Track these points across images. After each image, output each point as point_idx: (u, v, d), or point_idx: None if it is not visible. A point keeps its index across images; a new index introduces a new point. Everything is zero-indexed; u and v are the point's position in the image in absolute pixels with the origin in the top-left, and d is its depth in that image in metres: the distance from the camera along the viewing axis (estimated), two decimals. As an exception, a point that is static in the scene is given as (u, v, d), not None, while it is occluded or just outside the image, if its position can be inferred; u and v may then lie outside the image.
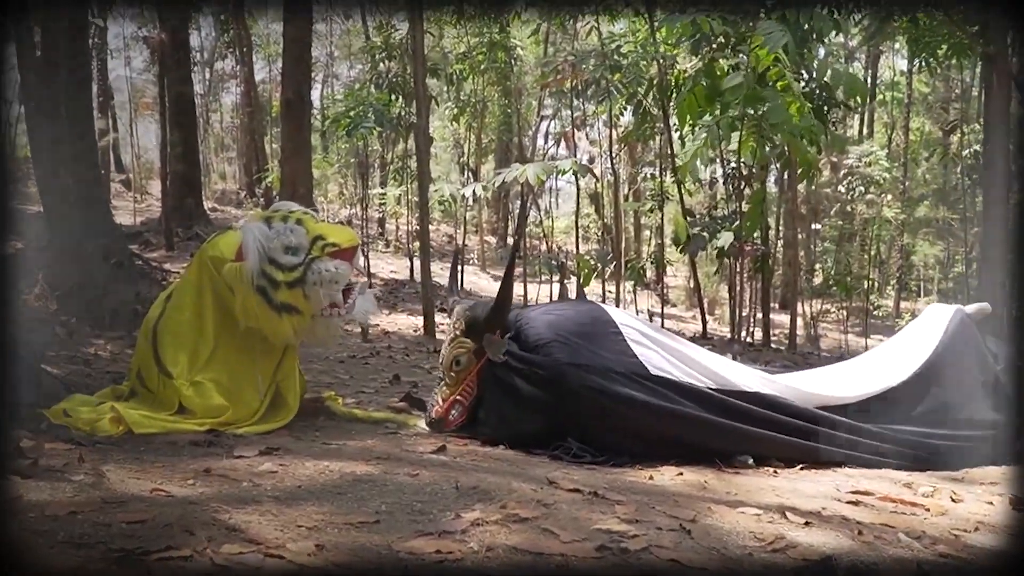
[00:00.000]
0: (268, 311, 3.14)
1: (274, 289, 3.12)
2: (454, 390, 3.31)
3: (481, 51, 13.70)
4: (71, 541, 1.61)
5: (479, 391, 3.29)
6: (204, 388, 3.13)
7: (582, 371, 3.06)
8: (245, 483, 2.20)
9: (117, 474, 2.19)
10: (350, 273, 3.29)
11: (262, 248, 3.13)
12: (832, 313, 14.62)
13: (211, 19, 18.39)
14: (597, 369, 3.07)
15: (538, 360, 3.12)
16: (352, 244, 3.29)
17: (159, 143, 13.24)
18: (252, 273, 3.10)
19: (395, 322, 9.04)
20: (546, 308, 3.69)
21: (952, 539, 2.19)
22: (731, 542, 1.94)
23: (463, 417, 3.31)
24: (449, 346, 3.35)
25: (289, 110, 9.71)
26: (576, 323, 3.28)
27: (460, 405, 3.31)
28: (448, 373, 3.34)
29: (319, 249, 3.19)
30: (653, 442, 3.09)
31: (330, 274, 3.17)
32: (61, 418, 2.96)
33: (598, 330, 3.25)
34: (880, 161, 13.89)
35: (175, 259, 10.46)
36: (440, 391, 3.36)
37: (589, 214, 19.56)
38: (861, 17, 7.26)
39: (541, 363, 3.11)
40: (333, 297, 3.23)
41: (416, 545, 1.73)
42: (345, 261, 3.23)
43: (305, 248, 3.19)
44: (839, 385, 3.50)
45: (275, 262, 3.14)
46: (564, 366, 3.07)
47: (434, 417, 3.33)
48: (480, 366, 3.27)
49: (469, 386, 3.30)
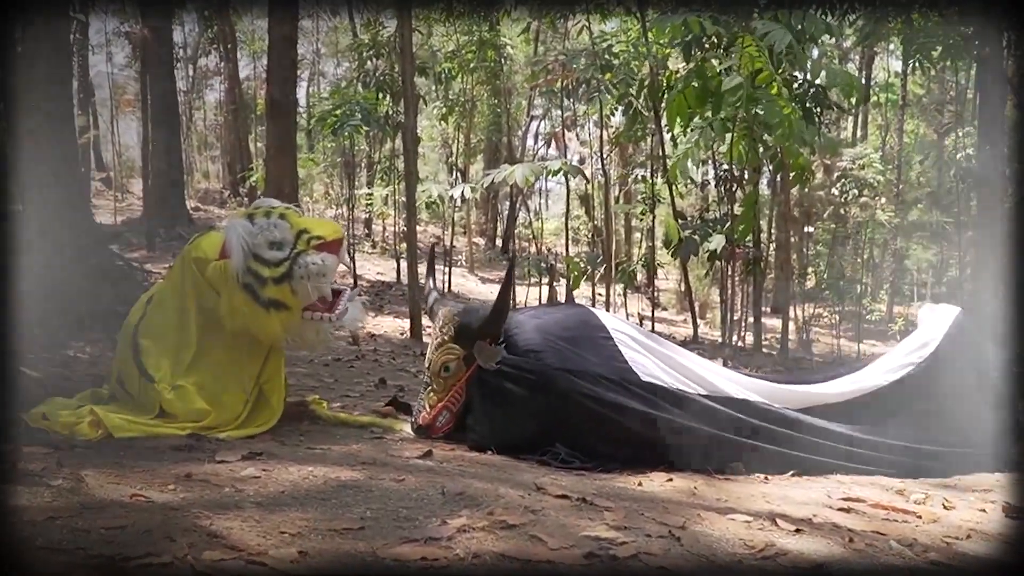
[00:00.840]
0: (256, 308, 3.09)
1: (261, 286, 3.08)
2: (442, 396, 3.27)
3: (470, 49, 13.71)
4: (49, 547, 1.58)
5: (467, 398, 3.25)
6: (186, 392, 3.08)
7: (572, 376, 3.04)
8: (227, 488, 2.16)
9: (96, 479, 2.15)
10: (337, 265, 3.25)
11: (246, 245, 3.08)
12: (824, 317, 14.68)
13: (195, 15, 18.30)
14: (588, 375, 3.05)
15: (528, 365, 3.09)
16: (337, 236, 3.25)
17: (141, 141, 13.25)
18: (238, 270, 3.06)
19: (381, 325, 9.02)
20: (535, 312, 3.66)
21: (944, 547, 2.17)
22: (721, 549, 1.92)
23: (451, 424, 3.27)
24: (437, 351, 3.29)
25: (274, 108, 9.65)
26: (566, 327, 3.26)
27: (448, 412, 3.27)
28: (436, 379, 3.29)
29: (304, 243, 3.15)
30: (643, 448, 3.07)
31: (317, 267, 3.12)
32: (39, 421, 2.92)
33: (588, 335, 3.23)
34: (874, 164, 13.94)
35: (157, 259, 10.41)
36: (427, 397, 3.30)
37: (579, 216, 19.59)
38: (855, 18, 7.27)
39: (531, 368, 3.08)
40: (321, 290, 3.19)
41: (402, 552, 1.70)
42: (331, 254, 3.19)
43: (290, 242, 3.15)
44: (828, 385, 3.50)
45: (260, 258, 3.10)
46: (554, 371, 3.05)
47: (421, 424, 3.29)
48: (470, 373, 3.23)
49: (458, 393, 3.25)
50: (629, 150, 16.22)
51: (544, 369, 3.06)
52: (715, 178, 10.28)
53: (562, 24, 13.33)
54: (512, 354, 3.15)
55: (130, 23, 15.32)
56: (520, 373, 3.09)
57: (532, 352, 3.12)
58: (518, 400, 3.09)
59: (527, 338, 3.17)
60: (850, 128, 19.82)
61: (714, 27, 6.20)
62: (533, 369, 3.08)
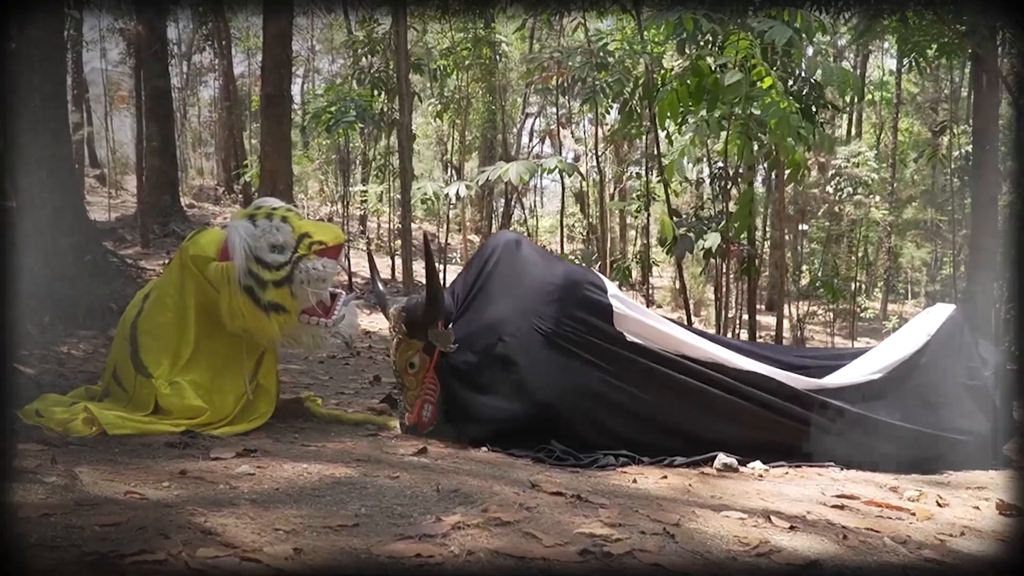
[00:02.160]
0: (255, 311, 3.10)
1: (261, 288, 3.09)
2: (418, 392, 3.30)
3: (465, 47, 13.66)
4: (43, 544, 1.57)
5: (441, 385, 3.28)
6: (182, 388, 3.07)
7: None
8: (222, 485, 2.16)
9: (90, 476, 2.14)
10: (337, 270, 3.27)
11: (248, 247, 3.09)
12: (819, 315, 14.69)
13: (189, 11, 18.23)
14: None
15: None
16: (338, 242, 3.28)
17: (135, 137, 13.15)
18: (239, 272, 3.06)
19: (376, 322, 9.00)
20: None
21: (938, 544, 2.17)
22: (715, 546, 1.92)
23: (436, 415, 3.29)
24: (397, 351, 3.33)
25: (269, 105, 9.63)
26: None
27: (429, 404, 3.29)
28: (406, 377, 3.32)
29: (306, 247, 3.16)
30: (626, 409, 3.15)
31: (318, 272, 3.15)
32: (33, 418, 2.92)
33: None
34: (868, 162, 13.97)
35: (151, 256, 10.37)
36: (405, 397, 3.34)
37: (574, 213, 19.60)
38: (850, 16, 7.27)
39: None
40: (320, 295, 3.21)
41: (396, 549, 1.70)
42: (331, 259, 3.21)
43: (291, 246, 3.16)
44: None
45: (262, 261, 3.11)
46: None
47: (408, 424, 3.31)
48: (435, 362, 3.26)
49: (431, 384, 3.28)
50: (624, 148, 16.22)
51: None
52: (710, 176, 10.27)
53: (557, 21, 13.31)
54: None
55: (124, 19, 15.26)
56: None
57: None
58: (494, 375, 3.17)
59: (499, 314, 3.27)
60: (844, 126, 19.84)
61: (709, 25, 6.20)
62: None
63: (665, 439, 3.17)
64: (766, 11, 6.09)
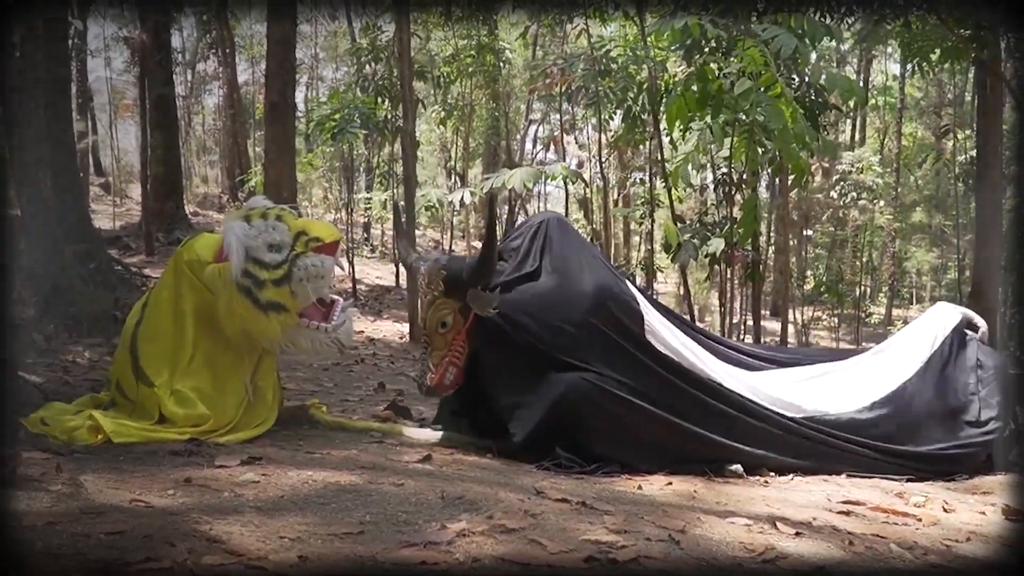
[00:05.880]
0: (254, 311, 3.08)
1: (259, 288, 3.06)
2: (445, 353, 3.23)
3: (469, 54, 13.69)
4: (49, 552, 1.58)
5: (470, 348, 3.23)
6: (184, 396, 3.06)
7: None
8: (226, 493, 2.16)
9: (95, 484, 2.15)
10: (334, 267, 3.25)
11: (245, 248, 3.08)
12: (824, 320, 14.66)
13: (193, 19, 18.28)
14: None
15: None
16: (335, 238, 3.26)
17: (139, 146, 13.18)
18: (236, 273, 3.05)
19: (380, 329, 9.01)
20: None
21: (944, 549, 2.17)
22: (721, 552, 1.91)
23: (459, 380, 3.24)
24: (430, 309, 3.25)
25: (273, 113, 9.64)
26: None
27: (454, 367, 3.23)
28: (435, 337, 3.24)
29: (303, 245, 3.14)
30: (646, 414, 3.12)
31: (316, 269, 3.12)
32: (38, 427, 2.91)
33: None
34: (872, 167, 13.92)
35: (155, 264, 10.38)
36: (430, 357, 3.25)
37: (578, 219, 19.56)
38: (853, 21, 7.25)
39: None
40: (320, 292, 3.19)
41: (401, 556, 1.70)
42: (329, 255, 3.19)
43: (288, 245, 3.14)
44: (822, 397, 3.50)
45: (259, 261, 3.09)
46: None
47: (431, 385, 3.24)
48: (469, 324, 3.21)
49: (460, 346, 3.22)
50: (628, 154, 16.21)
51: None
52: (714, 182, 10.26)
53: (561, 28, 13.31)
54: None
55: (128, 28, 15.31)
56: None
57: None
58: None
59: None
60: (848, 131, 19.82)
61: (714, 31, 6.20)
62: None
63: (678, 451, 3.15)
64: (771, 16, 6.07)
